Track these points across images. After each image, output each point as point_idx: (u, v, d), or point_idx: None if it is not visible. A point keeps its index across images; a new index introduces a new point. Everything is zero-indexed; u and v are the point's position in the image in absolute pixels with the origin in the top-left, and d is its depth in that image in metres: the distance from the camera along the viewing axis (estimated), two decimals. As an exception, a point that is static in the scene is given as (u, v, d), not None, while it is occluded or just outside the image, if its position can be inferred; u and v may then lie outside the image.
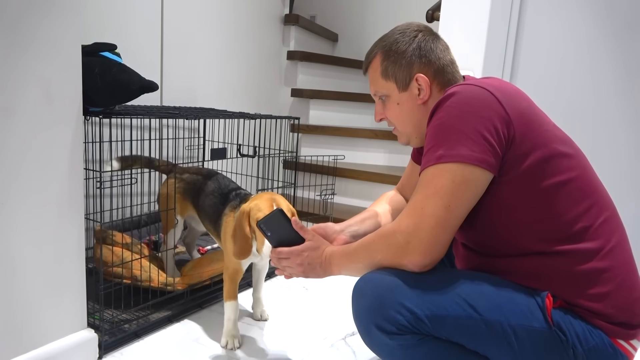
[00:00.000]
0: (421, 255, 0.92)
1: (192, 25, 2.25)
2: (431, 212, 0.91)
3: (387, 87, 1.11)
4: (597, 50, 1.84)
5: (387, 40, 1.11)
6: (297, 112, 3.12)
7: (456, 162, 0.91)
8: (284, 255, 1.12)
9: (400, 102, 1.11)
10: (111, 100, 1.34)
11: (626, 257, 0.96)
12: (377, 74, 1.12)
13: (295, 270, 1.12)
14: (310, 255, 1.10)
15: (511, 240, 0.97)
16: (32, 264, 1.14)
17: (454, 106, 0.94)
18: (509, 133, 0.92)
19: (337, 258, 1.07)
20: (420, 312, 0.90)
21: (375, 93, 1.15)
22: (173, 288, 1.57)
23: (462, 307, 0.91)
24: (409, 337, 0.91)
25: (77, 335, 1.26)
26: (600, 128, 1.86)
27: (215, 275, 1.69)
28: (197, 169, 1.66)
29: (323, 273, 1.10)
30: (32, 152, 1.10)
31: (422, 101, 1.09)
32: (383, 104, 1.15)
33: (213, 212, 1.49)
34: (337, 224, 1.25)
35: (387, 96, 1.13)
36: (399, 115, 1.13)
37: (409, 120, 1.13)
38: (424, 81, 1.08)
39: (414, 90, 1.09)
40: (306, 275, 1.12)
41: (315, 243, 1.12)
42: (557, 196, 0.93)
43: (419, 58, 1.08)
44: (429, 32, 1.11)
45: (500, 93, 0.94)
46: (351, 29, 3.86)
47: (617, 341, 0.93)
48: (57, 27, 1.11)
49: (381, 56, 1.11)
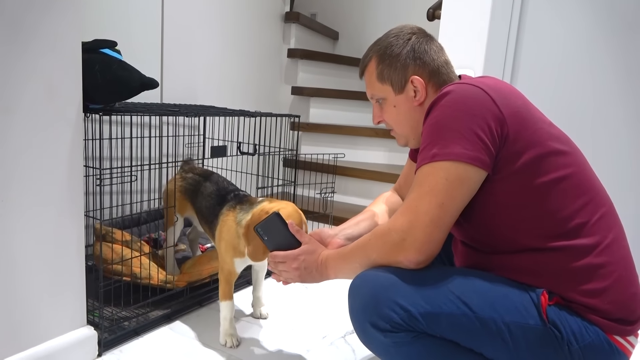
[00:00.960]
0: (416, 252, 0.93)
1: (192, 22, 2.25)
2: (425, 210, 0.92)
3: (383, 90, 1.13)
4: (598, 50, 1.83)
5: (381, 44, 1.12)
6: (298, 110, 3.12)
7: (450, 161, 0.92)
8: (280, 259, 1.13)
9: (397, 104, 1.12)
10: (111, 97, 1.34)
11: (623, 253, 0.96)
12: (372, 78, 1.14)
13: (291, 274, 1.13)
14: (307, 260, 1.11)
15: (507, 237, 0.97)
16: (31, 261, 1.14)
17: (448, 105, 0.95)
18: (503, 131, 0.93)
19: (333, 260, 1.08)
20: (415, 310, 0.91)
21: (372, 96, 1.16)
22: (172, 286, 1.57)
23: (456, 304, 0.91)
24: (403, 334, 0.92)
25: (77, 333, 1.26)
26: (601, 127, 1.86)
27: (214, 273, 1.69)
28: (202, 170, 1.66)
29: (319, 277, 1.10)
30: (32, 149, 1.10)
31: (418, 103, 1.10)
32: (380, 106, 1.16)
33: (209, 213, 1.50)
34: (332, 228, 1.26)
35: (383, 99, 1.14)
36: (396, 118, 1.14)
37: (406, 122, 1.14)
38: (419, 83, 1.09)
39: (409, 92, 1.10)
40: (303, 280, 1.12)
41: (312, 247, 1.12)
42: (553, 193, 0.94)
43: (414, 60, 1.09)
44: (423, 34, 1.12)
45: (495, 92, 0.95)
46: (352, 27, 3.85)
47: (613, 337, 0.93)
48: (57, 24, 1.11)
49: (376, 60, 1.12)
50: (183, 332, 1.49)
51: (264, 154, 2.09)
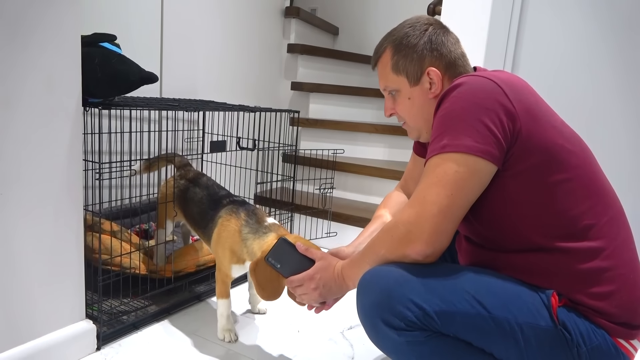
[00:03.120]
0: (424, 243, 0.91)
1: (192, 17, 2.24)
2: (433, 200, 0.90)
3: (397, 81, 1.10)
4: (598, 48, 1.83)
5: (396, 34, 1.09)
6: (297, 106, 3.11)
7: (460, 152, 0.90)
8: (297, 283, 1.10)
9: (412, 96, 1.10)
10: (111, 91, 1.34)
11: (631, 257, 0.96)
12: (387, 69, 1.11)
13: (312, 296, 1.09)
14: (323, 277, 1.08)
15: (515, 234, 0.96)
16: (30, 255, 1.14)
17: (460, 96, 0.93)
18: (515, 127, 0.91)
19: (347, 269, 1.05)
20: (429, 309, 0.89)
21: (385, 88, 1.13)
22: (157, 275, 1.57)
23: (471, 303, 0.90)
24: (417, 333, 0.90)
25: (76, 326, 1.26)
26: (599, 125, 1.86)
27: (200, 264, 1.71)
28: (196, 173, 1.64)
29: (340, 291, 1.08)
30: (32, 142, 1.10)
31: (433, 95, 1.08)
32: (393, 99, 1.13)
33: (201, 218, 1.47)
34: (347, 245, 1.23)
35: (397, 91, 1.11)
36: (410, 110, 1.11)
37: (420, 115, 1.11)
38: (435, 75, 1.06)
39: (425, 85, 1.08)
40: (324, 298, 1.09)
41: (325, 262, 1.10)
42: (562, 192, 0.93)
43: (431, 52, 1.06)
44: (439, 25, 1.10)
45: (508, 86, 0.93)
46: (352, 23, 3.84)
47: (618, 341, 0.93)
48: (57, 18, 1.11)
49: (391, 50, 1.09)
50: (182, 326, 1.49)
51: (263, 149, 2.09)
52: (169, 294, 1.60)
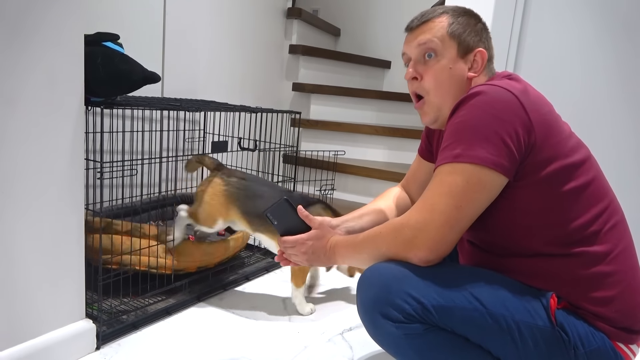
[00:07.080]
0: (427, 251, 0.92)
1: (194, 17, 2.24)
2: (442, 210, 0.91)
3: (447, 46, 1.04)
4: (599, 51, 1.83)
5: (453, 6, 1.09)
6: (298, 107, 3.12)
7: (473, 164, 0.90)
8: (289, 244, 1.15)
9: (453, 67, 1.05)
10: (113, 90, 1.34)
11: (632, 262, 0.96)
12: (442, 30, 1.05)
13: (299, 258, 1.15)
14: (315, 245, 1.12)
15: (521, 241, 0.97)
16: (31, 254, 1.14)
17: (478, 105, 0.92)
18: (530, 139, 0.91)
19: (342, 248, 1.08)
20: (427, 302, 0.90)
21: (425, 43, 1.05)
22: (157, 271, 1.56)
23: (468, 299, 0.91)
24: (415, 325, 0.91)
25: (76, 326, 1.26)
26: (600, 126, 1.86)
27: (202, 266, 1.71)
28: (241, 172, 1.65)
29: (327, 261, 1.12)
30: (34, 141, 1.10)
31: (472, 75, 1.06)
32: (425, 63, 1.07)
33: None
34: (334, 218, 1.25)
35: (439, 55, 1.05)
36: (445, 80, 1.05)
37: (450, 90, 1.05)
38: (481, 57, 1.06)
39: (468, 62, 1.06)
40: (310, 264, 1.15)
41: (321, 232, 1.14)
42: (572, 201, 0.93)
43: (486, 35, 1.09)
44: None
45: (525, 97, 0.92)
46: (354, 24, 3.84)
47: (617, 345, 0.93)
48: (60, 17, 1.11)
49: (453, 16, 1.06)
50: (181, 326, 1.49)
51: (264, 150, 2.09)
52: (169, 294, 1.60)
